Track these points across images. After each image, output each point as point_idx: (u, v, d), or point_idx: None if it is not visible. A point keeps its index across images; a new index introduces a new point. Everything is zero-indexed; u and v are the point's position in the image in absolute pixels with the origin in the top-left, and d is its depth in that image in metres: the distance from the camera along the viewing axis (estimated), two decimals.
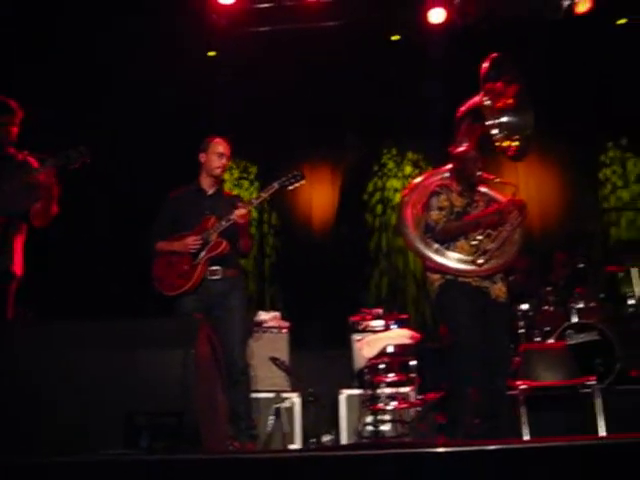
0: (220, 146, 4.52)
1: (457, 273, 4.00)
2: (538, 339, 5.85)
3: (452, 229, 4.05)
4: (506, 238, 4.04)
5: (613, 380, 5.49)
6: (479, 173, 4.14)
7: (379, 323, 5.60)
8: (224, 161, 4.53)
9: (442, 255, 4.03)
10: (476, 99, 4.38)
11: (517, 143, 4.36)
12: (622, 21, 7.15)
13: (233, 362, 4.21)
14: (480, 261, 3.94)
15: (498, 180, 4.23)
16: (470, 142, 4.35)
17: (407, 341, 5.13)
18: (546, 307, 5.95)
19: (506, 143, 4.32)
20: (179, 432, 2.71)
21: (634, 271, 6.14)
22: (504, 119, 4.34)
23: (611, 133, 7.59)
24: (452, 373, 3.99)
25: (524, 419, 4.62)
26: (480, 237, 4.01)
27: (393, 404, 4.87)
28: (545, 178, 7.51)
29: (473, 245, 4.00)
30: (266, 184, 4.54)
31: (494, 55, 4.35)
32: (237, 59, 7.08)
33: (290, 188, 4.42)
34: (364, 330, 5.58)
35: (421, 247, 4.12)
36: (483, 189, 4.33)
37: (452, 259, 4.00)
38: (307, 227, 7.30)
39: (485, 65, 4.29)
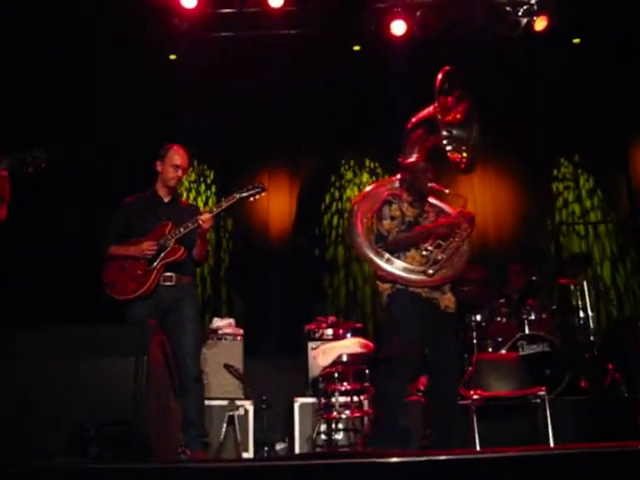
0: (177, 156, 4.47)
1: (408, 283, 3.97)
2: (490, 350, 5.93)
3: (403, 239, 4.05)
4: (456, 249, 4.04)
5: (563, 391, 5.59)
6: (430, 184, 4.15)
7: (334, 332, 5.60)
8: (179, 173, 4.49)
9: (393, 265, 4.00)
10: (429, 110, 4.40)
11: (465, 155, 4.40)
12: (577, 40, 7.32)
13: (186, 369, 4.17)
14: (431, 271, 3.92)
15: (448, 192, 4.24)
16: (420, 153, 4.37)
17: (361, 350, 5.14)
18: (499, 318, 6.03)
19: (457, 155, 4.36)
20: (129, 440, 2.67)
21: (585, 284, 6.27)
22: (454, 132, 4.37)
23: (564, 149, 7.76)
24: (390, 380, 3.90)
25: (476, 429, 4.67)
26: (431, 248, 4.00)
27: (347, 413, 4.88)
28: (500, 191, 7.63)
29: (424, 255, 3.99)
30: (225, 191, 4.54)
31: (447, 68, 4.39)
32: (199, 63, 7.03)
33: (251, 199, 4.43)
34: (319, 338, 5.58)
35: (372, 256, 4.08)
36: (433, 200, 4.34)
37: (403, 269, 3.98)
38: (264, 234, 7.27)
39: (439, 77, 4.32)
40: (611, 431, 5.04)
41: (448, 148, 4.27)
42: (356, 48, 7.24)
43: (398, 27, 6.83)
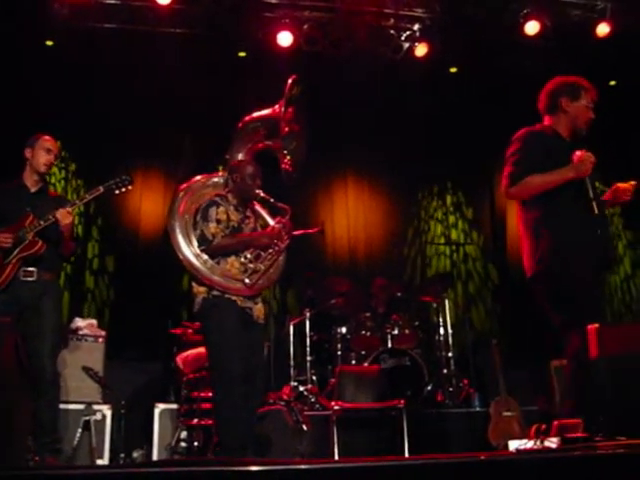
0: (48, 142, 4.36)
1: (225, 289, 3.87)
2: (354, 362, 6.06)
3: (227, 245, 3.93)
4: (274, 261, 4.01)
5: (421, 404, 5.80)
6: (257, 191, 4.06)
7: (200, 337, 5.52)
8: (51, 157, 4.34)
9: (212, 269, 3.88)
10: (274, 113, 4.32)
11: (291, 163, 4.36)
12: (454, 69, 7.67)
13: (41, 370, 3.98)
14: (248, 281, 3.86)
15: (273, 201, 4.15)
16: (247, 154, 4.31)
17: None
18: (364, 331, 6.18)
19: (285, 160, 4.31)
20: None
21: (447, 302, 6.57)
22: (288, 140, 4.33)
23: (436, 171, 8.10)
24: (224, 393, 3.76)
25: (335, 439, 4.75)
26: (250, 256, 3.95)
27: (209, 420, 4.81)
28: (373, 207, 7.85)
29: (243, 263, 3.93)
30: (92, 185, 4.37)
31: (296, 76, 4.34)
32: (77, 52, 6.73)
33: (117, 192, 4.31)
34: (185, 344, 5.48)
35: (191, 257, 3.94)
36: (256, 207, 4.28)
37: (222, 275, 3.87)
38: (134, 234, 7.05)
39: (289, 83, 4.26)
40: (464, 443, 5.31)
41: (281, 153, 4.25)
42: (242, 54, 7.22)
43: (284, 38, 6.86)
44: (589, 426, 2.86)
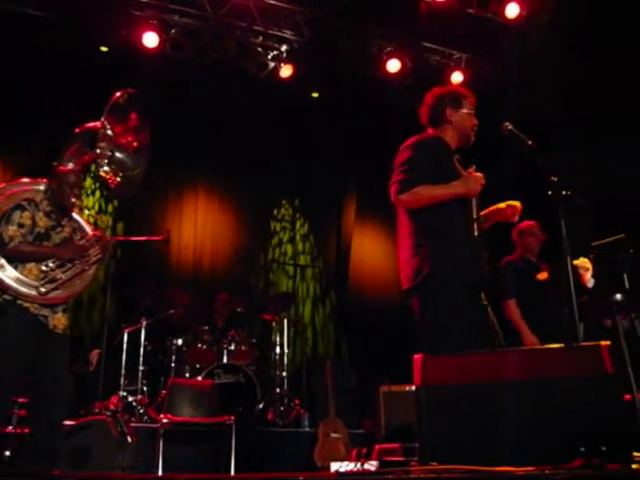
0: None
1: (17, 294, 3.73)
2: (188, 375, 5.97)
3: (26, 251, 3.81)
4: (79, 272, 3.92)
5: (251, 421, 5.80)
6: (73, 200, 3.99)
7: None
8: None
9: (5, 273, 3.73)
10: (96, 125, 4.18)
11: (120, 180, 4.31)
12: (315, 94, 7.86)
13: None
14: (43, 290, 3.75)
15: (89, 213, 4.08)
16: (77, 164, 4.24)
17: None
18: (200, 345, 6.11)
19: (109, 176, 4.26)
20: None
21: (286, 321, 6.66)
22: (118, 155, 4.27)
23: (287, 191, 8.23)
24: None
25: (161, 453, 4.64)
26: (52, 265, 3.83)
27: (25, 429, 4.53)
28: (222, 222, 7.82)
29: (43, 271, 3.81)
30: None
31: (130, 90, 4.24)
32: None
33: None
34: None
35: None
36: (75, 216, 4.17)
37: (16, 279, 3.74)
38: None
39: (117, 95, 4.17)
40: (290, 462, 5.37)
41: (104, 168, 4.18)
42: (103, 49, 6.95)
43: (150, 39, 6.71)
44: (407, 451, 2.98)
